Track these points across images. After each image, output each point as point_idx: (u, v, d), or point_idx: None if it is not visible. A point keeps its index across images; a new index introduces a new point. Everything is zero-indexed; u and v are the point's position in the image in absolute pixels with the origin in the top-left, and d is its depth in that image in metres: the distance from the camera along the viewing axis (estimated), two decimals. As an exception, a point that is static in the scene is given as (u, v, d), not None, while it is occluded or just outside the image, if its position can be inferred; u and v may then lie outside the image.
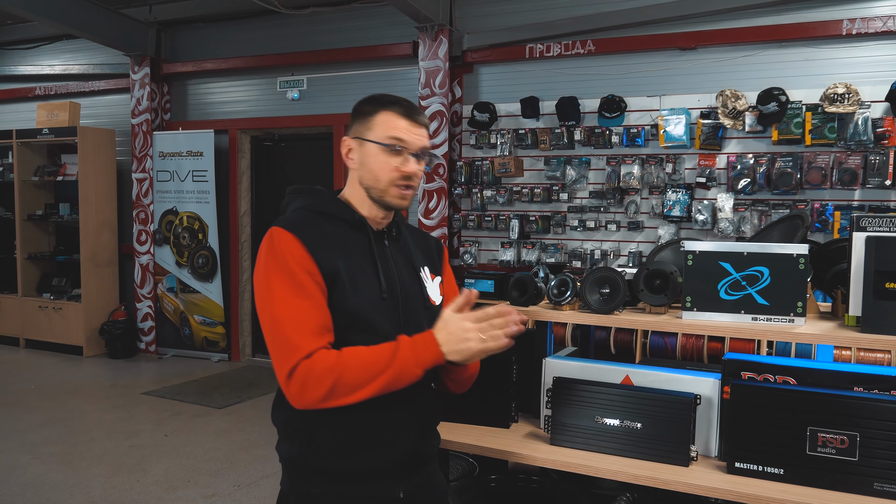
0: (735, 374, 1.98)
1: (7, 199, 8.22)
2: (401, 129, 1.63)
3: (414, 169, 1.65)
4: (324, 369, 1.48)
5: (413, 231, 1.85)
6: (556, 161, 5.84)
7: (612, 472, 1.93)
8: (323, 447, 1.60)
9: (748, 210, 5.16)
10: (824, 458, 1.79)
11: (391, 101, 1.66)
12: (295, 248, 1.55)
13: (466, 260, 6.22)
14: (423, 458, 1.72)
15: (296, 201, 1.70)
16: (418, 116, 1.67)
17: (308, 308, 1.52)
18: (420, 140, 1.66)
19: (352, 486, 1.61)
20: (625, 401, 2.01)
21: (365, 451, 1.61)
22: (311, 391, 1.48)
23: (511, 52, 6.02)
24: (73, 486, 4.15)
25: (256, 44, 7.21)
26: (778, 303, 2.02)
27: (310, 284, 1.53)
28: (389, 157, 1.63)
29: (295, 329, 1.50)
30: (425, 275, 1.76)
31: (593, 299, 2.20)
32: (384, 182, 1.64)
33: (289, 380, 1.50)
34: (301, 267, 1.54)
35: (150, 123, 7.51)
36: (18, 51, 8.63)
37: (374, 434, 1.61)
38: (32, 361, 7.35)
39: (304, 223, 1.61)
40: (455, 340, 1.50)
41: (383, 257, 1.68)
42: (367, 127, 1.66)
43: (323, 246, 1.58)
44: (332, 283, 1.57)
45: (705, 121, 5.25)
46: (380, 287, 1.62)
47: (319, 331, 1.52)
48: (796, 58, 5.10)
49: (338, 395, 1.49)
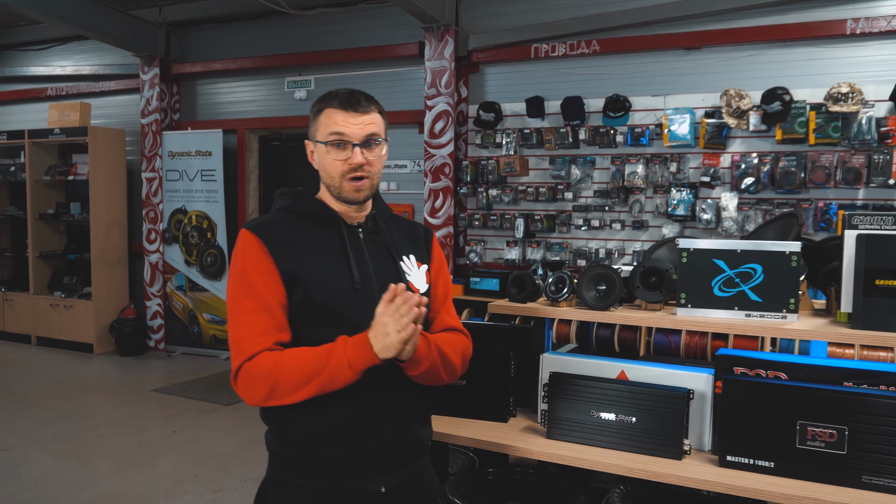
0: (728, 370, 2.01)
1: (19, 199, 8.33)
2: (339, 122, 1.64)
3: (360, 160, 1.65)
4: (263, 371, 1.53)
5: (400, 222, 1.86)
6: (560, 160, 5.87)
7: (605, 465, 1.97)
8: (298, 439, 1.63)
9: (752, 209, 5.17)
10: (814, 452, 1.82)
11: (330, 97, 1.68)
12: (255, 249, 1.61)
13: (472, 259, 6.26)
14: (408, 452, 1.71)
15: (278, 202, 1.76)
16: (357, 105, 1.66)
17: (256, 310, 1.57)
18: (362, 129, 1.65)
19: (329, 479, 1.63)
20: (619, 395, 2.05)
21: (339, 443, 1.62)
22: (254, 392, 1.55)
23: (516, 52, 6.06)
24: (83, 481, 4.22)
25: (264, 44, 7.28)
26: (771, 299, 2.06)
27: (262, 286, 1.58)
28: (336, 154, 1.65)
29: (241, 330, 1.57)
30: (409, 262, 1.78)
31: (590, 296, 2.24)
32: (336, 178, 1.67)
33: (235, 381, 1.58)
34: (256, 269, 1.59)
35: (159, 123, 7.60)
36: (31, 52, 8.73)
37: (349, 427, 1.62)
38: (44, 359, 7.45)
39: (274, 223, 1.67)
40: (380, 337, 1.51)
41: (357, 249, 1.71)
42: (315, 128, 1.69)
43: (288, 245, 1.63)
44: (294, 282, 1.60)
45: (709, 120, 5.27)
46: (352, 279, 1.65)
47: (266, 331, 1.57)
48: (800, 57, 5.11)
49: (278, 396, 1.54)
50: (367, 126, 1.66)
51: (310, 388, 1.53)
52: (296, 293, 1.60)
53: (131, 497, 4.01)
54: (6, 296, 8.19)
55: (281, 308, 1.60)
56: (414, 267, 1.78)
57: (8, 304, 8.18)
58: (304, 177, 7.30)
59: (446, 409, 2.32)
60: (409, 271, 1.77)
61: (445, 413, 2.31)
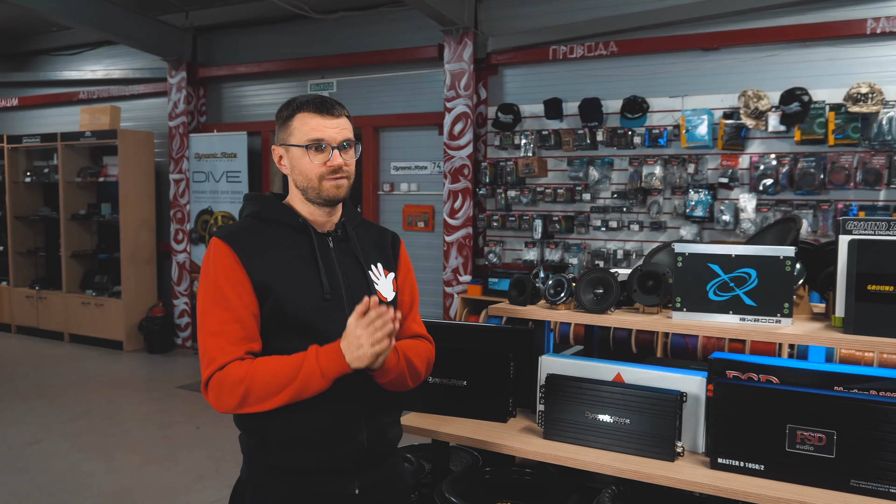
0: (720, 373, 2.04)
1: (53, 200, 8.58)
2: (317, 127, 1.67)
3: (340, 161, 1.69)
4: (234, 380, 1.56)
5: (369, 228, 1.90)
6: (579, 162, 5.89)
7: (598, 466, 2.01)
8: (274, 446, 1.66)
9: (771, 210, 5.14)
10: (803, 455, 1.84)
11: (303, 102, 1.70)
12: (226, 259, 1.63)
13: (491, 259, 6.31)
14: (380, 453, 1.76)
15: (247, 208, 1.79)
16: (332, 110, 1.69)
17: (228, 320, 1.60)
18: (339, 133, 1.69)
19: (305, 482, 1.68)
20: (614, 398, 2.09)
21: (315, 449, 1.66)
22: (225, 400, 1.58)
23: (535, 54, 6.09)
24: (108, 474, 4.36)
25: (288, 48, 7.40)
26: (765, 304, 2.08)
27: (233, 297, 1.61)
28: (314, 156, 1.68)
29: (212, 341, 1.60)
30: (377, 271, 1.80)
31: (587, 299, 2.28)
32: (315, 179, 1.69)
33: (206, 390, 1.61)
34: (228, 279, 1.61)
35: (186, 126, 7.76)
36: (63, 56, 8.98)
37: (324, 433, 1.66)
38: (75, 355, 7.67)
39: (244, 232, 1.69)
40: (353, 348, 1.55)
41: (327, 258, 1.73)
42: (288, 132, 1.71)
43: (258, 254, 1.65)
44: (265, 292, 1.63)
45: (728, 121, 5.25)
46: (322, 289, 1.68)
47: (237, 342, 1.60)
48: (819, 57, 5.06)
49: (250, 404, 1.58)
50: (343, 131, 1.70)
51: (282, 396, 1.56)
52: (266, 303, 1.63)
53: (153, 491, 4.14)
54: (40, 294, 8.44)
55: (253, 318, 1.62)
56: (381, 275, 1.81)
57: (42, 302, 8.43)
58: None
59: (448, 408, 2.38)
60: (377, 280, 1.79)
61: (447, 412, 2.38)
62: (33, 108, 9.33)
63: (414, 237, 6.84)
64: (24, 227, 8.79)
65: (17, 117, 9.53)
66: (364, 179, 7.02)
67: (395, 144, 6.95)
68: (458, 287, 6.29)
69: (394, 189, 6.93)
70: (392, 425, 1.82)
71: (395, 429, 1.83)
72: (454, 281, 6.32)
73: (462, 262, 6.31)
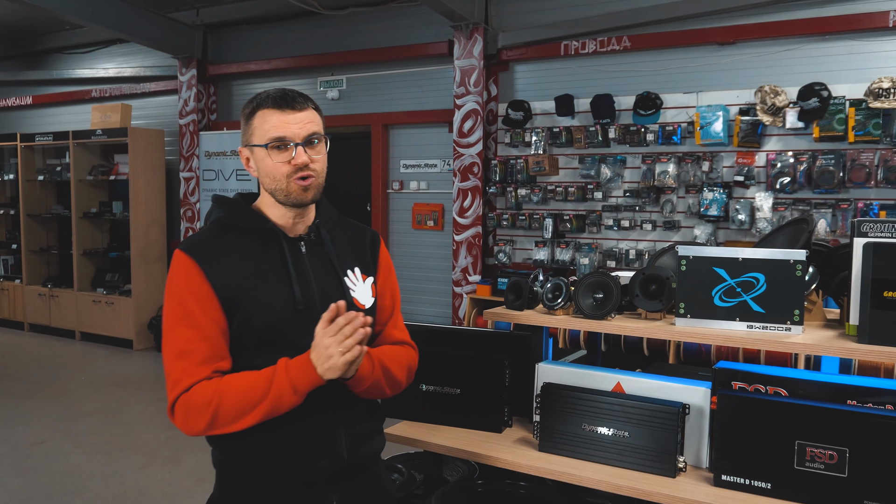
0: (726, 384, 1.93)
1: (65, 198, 8.59)
2: (277, 125, 1.55)
3: (304, 159, 1.56)
4: (202, 402, 1.46)
5: (347, 228, 1.77)
6: (590, 159, 5.76)
7: (595, 482, 1.90)
8: (248, 463, 1.57)
9: (788, 209, 4.99)
10: (812, 474, 1.73)
11: (263, 98, 1.59)
12: (191, 273, 1.53)
13: (501, 259, 6.20)
14: (360, 465, 1.66)
15: (213, 213, 1.67)
16: (293, 103, 1.57)
17: (194, 338, 1.50)
18: (302, 128, 1.56)
19: (281, 498, 1.58)
20: (612, 409, 1.98)
21: (291, 465, 1.57)
22: (193, 423, 1.48)
23: (546, 49, 5.96)
24: (109, 476, 4.31)
25: (298, 44, 7.33)
26: (774, 310, 1.96)
27: (199, 314, 1.50)
28: (276, 156, 1.56)
29: (177, 362, 1.49)
30: (354, 277, 1.69)
31: (586, 304, 2.17)
32: (282, 181, 1.57)
33: (172, 414, 1.50)
34: (193, 295, 1.51)
35: (196, 124, 7.73)
36: (76, 55, 8.98)
37: (301, 447, 1.57)
38: (86, 353, 7.66)
39: (209, 241, 1.58)
40: (323, 359, 1.45)
41: (299, 266, 1.62)
42: (251, 132, 1.60)
43: (224, 266, 1.55)
44: (233, 306, 1.53)
45: (744, 117, 5.10)
46: (294, 299, 1.58)
47: (204, 361, 1.50)
48: (839, 51, 4.90)
49: (220, 425, 1.48)
50: (307, 125, 1.57)
51: (254, 416, 1.47)
52: (235, 318, 1.53)
53: (153, 493, 4.08)
54: (52, 292, 8.45)
55: (221, 335, 1.53)
56: (359, 280, 1.70)
57: (54, 300, 8.44)
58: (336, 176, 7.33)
59: (440, 417, 2.28)
60: (354, 286, 1.68)
61: (439, 421, 2.28)
62: (47, 107, 9.35)
63: (423, 236, 6.75)
64: (37, 226, 8.81)
65: (31, 116, 9.56)
66: (373, 178, 6.94)
67: (404, 142, 6.86)
68: (467, 287, 6.19)
69: (403, 187, 6.84)
70: (373, 434, 1.71)
71: (376, 438, 1.73)
72: (463, 281, 6.22)
73: (471, 261, 6.20)
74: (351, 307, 1.62)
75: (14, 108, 9.65)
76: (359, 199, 7.18)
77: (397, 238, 6.92)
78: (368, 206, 7.10)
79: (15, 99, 9.50)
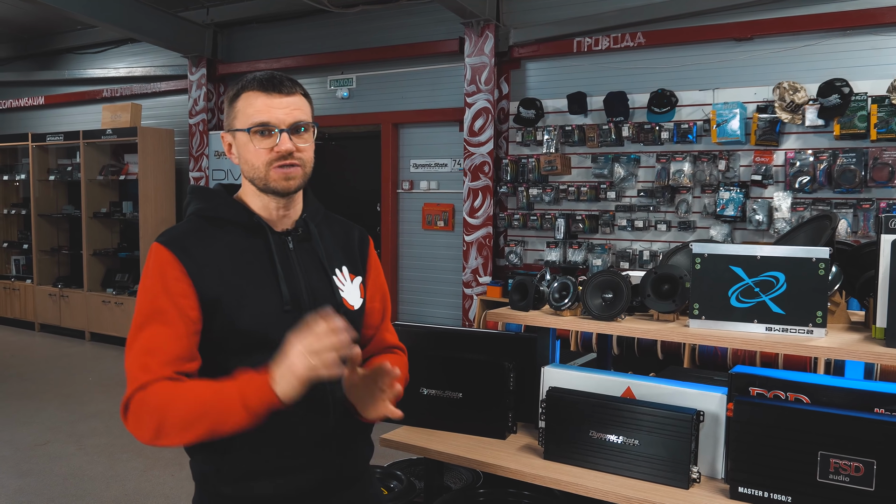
0: (742, 390, 1.81)
1: (75, 198, 8.57)
2: (261, 109, 1.44)
3: (288, 146, 1.44)
4: (153, 406, 1.32)
5: (333, 224, 1.65)
6: (603, 158, 5.64)
7: (602, 492, 1.79)
8: (234, 475, 1.46)
9: (807, 210, 4.84)
10: (837, 487, 1.61)
11: (249, 80, 1.47)
12: (170, 269, 1.40)
13: (512, 260, 6.09)
14: (349, 477, 1.57)
15: (192, 205, 1.55)
16: (281, 87, 1.45)
17: (164, 337, 1.37)
18: (288, 114, 1.45)
19: None
20: (621, 415, 1.87)
21: (279, 476, 1.47)
22: (142, 428, 1.33)
23: (558, 46, 5.85)
24: (111, 479, 4.24)
25: (307, 43, 7.26)
26: (794, 312, 1.84)
27: (173, 312, 1.38)
28: (259, 142, 1.45)
29: (140, 358, 1.36)
30: (342, 276, 1.59)
31: (594, 304, 2.06)
32: (262, 168, 1.45)
33: (125, 415, 1.36)
34: (168, 291, 1.39)
35: (206, 123, 7.68)
36: (87, 55, 8.97)
37: (288, 459, 1.46)
38: (95, 354, 7.62)
39: (190, 235, 1.46)
40: (282, 372, 1.29)
41: (286, 263, 1.50)
42: (233, 116, 1.48)
43: (207, 262, 1.43)
44: (214, 307, 1.41)
45: (761, 115, 4.96)
46: (282, 298, 1.46)
47: (169, 362, 1.36)
48: (861, 46, 4.75)
49: (164, 436, 1.32)
50: (294, 111, 1.46)
51: (197, 429, 1.31)
52: (217, 319, 1.41)
53: (155, 496, 4.00)
54: (62, 292, 8.43)
55: (195, 335, 1.40)
56: (347, 280, 1.59)
57: (64, 300, 8.42)
58: (346, 175, 7.27)
59: (441, 423, 2.18)
60: (342, 286, 1.57)
61: (441, 427, 2.18)
62: (58, 107, 9.35)
63: (433, 237, 6.65)
64: (48, 226, 8.80)
65: (43, 116, 9.57)
66: (383, 177, 6.85)
67: (414, 141, 6.77)
68: (477, 289, 6.08)
69: (413, 187, 6.74)
70: (365, 445, 1.62)
71: (367, 448, 1.64)
72: (473, 282, 6.12)
73: (482, 262, 6.09)
74: (340, 307, 1.53)
75: (26, 109, 9.66)
76: (368, 200, 7.09)
77: (407, 239, 6.82)
78: (378, 207, 7.01)
79: (27, 99, 9.51)
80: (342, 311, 1.54)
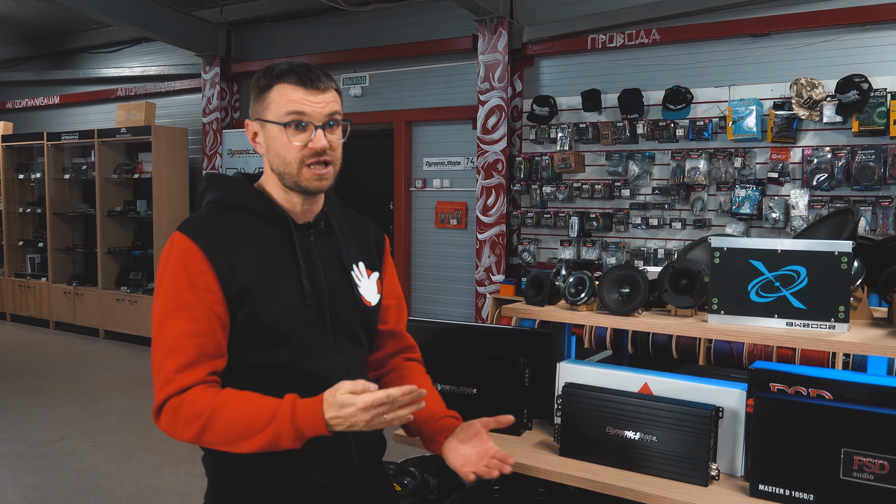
0: (762, 386, 1.77)
1: (90, 196, 8.62)
2: (298, 101, 1.41)
3: (324, 143, 1.42)
4: (194, 412, 1.31)
5: (351, 219, 1.65)
6: (618, 156, 5.60)
7: (619, 489, 1.76)
8: (250, 473, 1.45)
9: (825, 207, 4.78)
10: (861, 485, 1.57)
11: (283, 71, 1.43)
12: (194, 260, 1.37)
13: (525, 258, 6.06)
14: (364, 474, 1.56)
15: (209, 192, 1.52)
16: (317, 82, 1.42)
17: (191, 333, 1.35)
18: (323, 108, 1.42)
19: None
20: (639, 411, 1.84)
21: (296, 475, 1.45)
22: (179, 432, 1.34)
23: (572, 43, 5.82)
24: (124, 475, 4.25)
25: (321, 41, 7.27)
26: (816, 307, 1.80)
27: (198, 305, 1.36)
28: (293, 136, 1.42)
29: (172, 359, 1.34)
30: (359, 271, 1.57)
31: (611, 299, 2.03)
32: (294, 164, 1.43)
33: (158, 415, 1.36)
34: (193, 283, 1.36)
35: (219, 122, 7.70)
36: (102, 54, 9.03)
37: (307, 458, 1.44)
38: (109, 352, 7.66)
39: (212, 225, 1.43)
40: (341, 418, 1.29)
41: (307, 256, 1.48)
42: (265, 105, 1.45)
43: (230, 253, 1.40)
44: (240, 300, 1.39)
45: (778, 112, 4.90)
46: (302, 292, 1.44)
47: (200, 361, 1.35)
48: (881, 42, 4.68)
49: (206, 442, 1.34)
50: (329, 104, 1.43)
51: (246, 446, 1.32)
52: (241, 312, 1.39)
53: (168, 493, 4.01)
54: (77, 290, 8.48)
55: (221, 330, 1.38)
56: (364, 276, 1.57)
57: (79, 298, 8.47)
58: (359, 173, 7.26)
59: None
60: (360, 281, 1.56)
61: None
62: (74, 106, 9.41)
63: (446, 235, 6.63)
64: (63, 224, 8.86)
65: (59, 115, 9.63)
66: (396, 176, 6.84)
67: (427, 139, 6.75)
68: (490, 287, 6.06)
69: (426, 185, 6.73)
70: (379, 441, 1.62)
71: (380, 443, 1.63)
72: (486, 280, 6.09)
73: (495, 260, 6.07)
74: (357, 303, 1.54)
75: (42, 108, 9.74)
76: (381, 198, 7.08)
77: (420, 237, 6.81)
78: (391, 205, 7.00)
79: (43, 98, 9.59)
80: (360, 307, 1.54)
